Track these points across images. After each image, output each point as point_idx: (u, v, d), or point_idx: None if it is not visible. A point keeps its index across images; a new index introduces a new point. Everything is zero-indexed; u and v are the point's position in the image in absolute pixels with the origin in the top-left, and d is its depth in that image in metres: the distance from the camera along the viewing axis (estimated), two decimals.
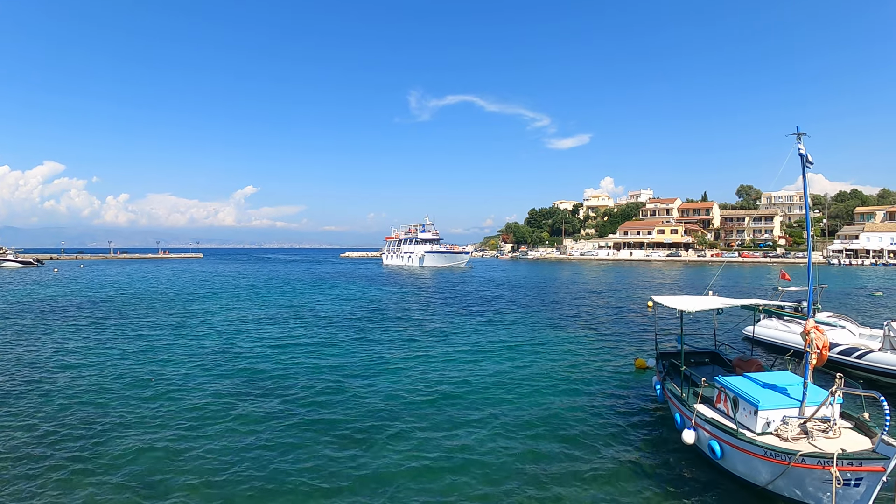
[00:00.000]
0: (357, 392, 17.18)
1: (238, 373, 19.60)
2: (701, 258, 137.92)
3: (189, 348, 24.00)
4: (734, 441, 10.33)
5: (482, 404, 15.99)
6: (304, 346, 24.69)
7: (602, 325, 31.59)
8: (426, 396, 16.75)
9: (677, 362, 14.53)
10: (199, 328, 29.66)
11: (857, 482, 8.59)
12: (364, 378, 18.99)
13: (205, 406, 15.70)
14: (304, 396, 16.69)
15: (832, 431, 9.76)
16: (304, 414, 15.05)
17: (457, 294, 52.04)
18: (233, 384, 18.03)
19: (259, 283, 67.20)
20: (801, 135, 11.54)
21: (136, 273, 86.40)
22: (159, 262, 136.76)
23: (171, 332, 28.13)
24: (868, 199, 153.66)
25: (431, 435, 13.50)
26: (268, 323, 31.76)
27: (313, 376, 19.15)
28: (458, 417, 14.84)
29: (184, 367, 20.54)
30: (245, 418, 14.63)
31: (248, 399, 16.34)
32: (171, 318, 33.37)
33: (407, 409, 15.48)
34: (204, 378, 18.86)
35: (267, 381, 18.43)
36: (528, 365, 21.06)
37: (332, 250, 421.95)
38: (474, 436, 13.43)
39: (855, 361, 18.60)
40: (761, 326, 24.49)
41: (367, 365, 20.97)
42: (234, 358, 21.98)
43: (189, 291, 53.49)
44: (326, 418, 14.71)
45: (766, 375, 11.79)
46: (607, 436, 13.50)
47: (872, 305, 40.94)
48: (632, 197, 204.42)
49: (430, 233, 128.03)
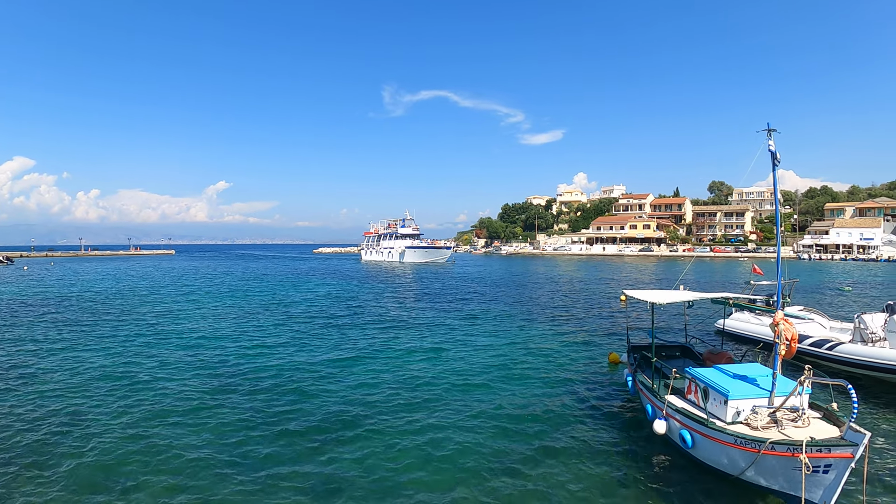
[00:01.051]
0: (331, 390, 17.00)
1: (209, 373, 19.24)
2: (673, 253, 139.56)
3: (161, 348, 23.53)
4: (705, 430, 10.39)
5: (456, 400, 15.92)
6: (278, 345, 24.34)
7: (576, 319, 31.72)
8: (399, 394, 16.64)
9: (648, 355, 14.60)
10: (170, 327, 29.13)
11: (827, 469, 8.67)
12: (337, 377, 18.82)
13: (173, 406, 15.40)
14: (278, 394, 16.48)
15: (801, 421, 9.86)
16: (276, 412, 14.84)
17: (433, 290, 51.90)
18: (203, 383, 17.70)
19: (234, 280, 66.07)
20: (771, 131, 11.63)
21: (106, 271, 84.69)
22: (130, 259, 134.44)
23: (142, 332, 27.57)
24: (838, 195, 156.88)
25: (402, 430, 13.39)
26: (242, 322, 31.29)
27: (289, 374, 18.92)
28: (430, 412, 14.74)
29: (154, 366, 20.13)
30: (213, 417, 14.38)
31: (217, 398, 16.07)
32: (143, 318, 32.76)
33: (380, 407, 15.34)
34: (174, 378, 18.50)
35: (238, 380, 18.15)
36: (502, 359, 21.04)
37: (304, 246, 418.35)
38: (446, 431, 13.34)
39: (826, 353, 18.93)
40: (733, 319, 24.81)
41: (341, 362, 20.77)
42: (205, 359, 21.62)
43: (161, 290, 52.61)
44: (298, 417, 14.52)
45: (735, 367, 11.90)
46: (579, 428, 13.52)
47: (843, 300, 41.68)
48: (605, 192, 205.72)
49: (410, 228, 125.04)
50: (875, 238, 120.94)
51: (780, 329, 10.62)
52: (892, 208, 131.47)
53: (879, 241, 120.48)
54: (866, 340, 18.32)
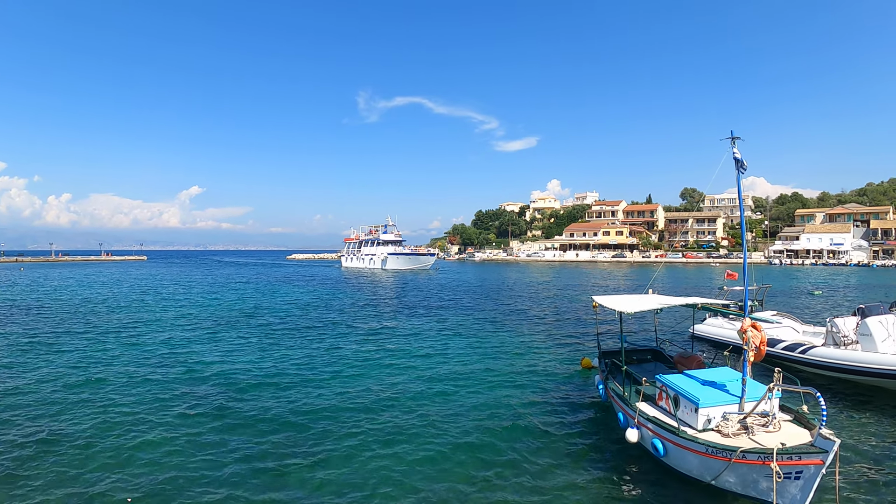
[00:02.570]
0: (308, 399, 16.62)
1: (180, 383, 18.63)
2: (646, 259, 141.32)
3: (131, 358, 22.80)
4: (676, 439, 10.31)
5: (426, 406, 15.65)
6: (255, 355, 23.85)
7: (548, 325, 31.70)
8: (369, 401, 16.34)
9: (619, 361, 14.52)
10: (142, 337, 28.35)
11: (798, 475, 8.70)
12: (315, 385, 18.45)
13: (143, 417, 14.88)
14: (252, 405, 16.02)
15: (772, 425, 9.88)
16: (245, 421, 14.42)
17: (409, 297, 51.64)
18: (174, 395, 17.11)
19: (210, 288, 64.65)
20: (735, 139, 11.74)
21: (77, 277, 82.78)
22: (102, 265, 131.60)
23: (112, 341, 26.71)
24: (808, 201, 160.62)
25: (370, 439, 13.09)
26: (218, 333, 30.68)
27: (269, 385, 18.48)
28: (399, 421, 14.44)
29: (124, 377, 19.48)
30: (180, 429, 13.91)
31: (185, 409, 15.58)
32: (113, 326, 31.95)
33: (350, 416, 15.02)
34: (143, 388, 17.87)
35: (209, 390, 17.67)
36: (474, 366, 20.85)
37: (278, 252, 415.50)
38: (416, 439, 13.09)
39: (799, 356, 19.10)
40: (705, 324, 25.02)
41: (318, 372, 20.39)
42: (180, 370, 21.05)
43: (131, 298, 51.52)
44: (272, 427, 14.14)
45: (705, 372, 11.86)
46: (550, 435, 13.37)
47: (814, 304, 42.35)
48: (578, 199, 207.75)
49: (392, 234, 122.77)
50: (845, 243, 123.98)
51: (749, 336, 10.64)
52: (861, 214, 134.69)
53: (849, 246, 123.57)
54: (839, 344, 18.52)
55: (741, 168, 11.77)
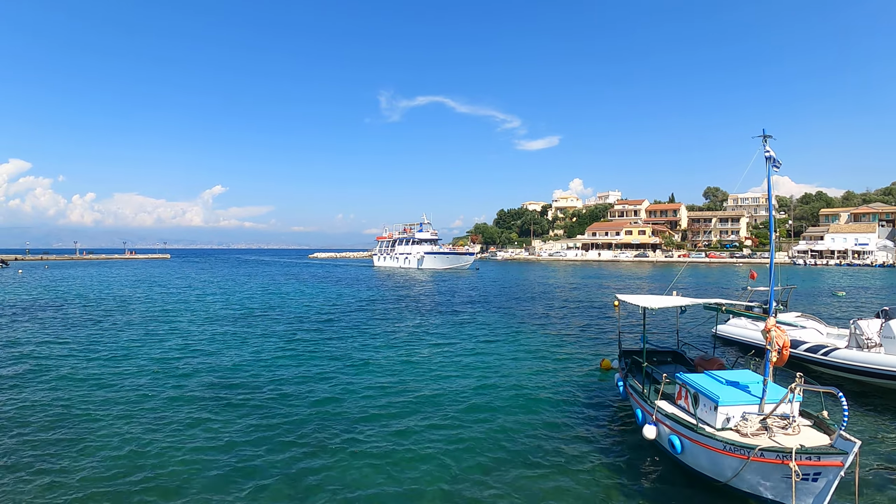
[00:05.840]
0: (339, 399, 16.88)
1: (209, 385, 18.95)
2: (668, 259, 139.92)
3: (157, 356, 23.34)
4: (694, 436, 10.29)
5: (449, 404, 15.78)
6: (292, 355, 24.15)
7: (570, 325, 31.62)
8: (395, 399, 16.53)
9: (640, 360, 14.51)
10: (171, 337, 28.90)
11: (816, 476, 8.60)
12: (351, 388, 18.70)
13: (167, 416, 15.27)
14: (287, 406, 16.31)
15: (791, 428, 9.76)
16: (277, 423, 14.70)
17: (441, 297, 51.75)
18: (203, 395, 17.34)
19: (248, 289, 64.18)
20: (766, 137, 11.58)
21: (102, 275, 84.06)
22: (126, 264, 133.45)
23: (142, 338, 27.28)
24: (833, 200, 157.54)
25: (387, 437, 13.26)
26: (256, 334, 31.13)
27: (301, 386, 18.78)
28: (423, 417, 14.59)
29: (148, 374, 19.93)
30: (209, 427, 14.23)
31: (215, 409, 15.90)
32: (143, 325, 32.55)
33: (376, 413, 15.23)
34: (172, 387, 18.30)
35: (243, 392, 17.98)
36: (496, 365, 20.91)
37: (300, 251, 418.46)
38: (438, 433, 13.25)
39: (821, 358, 18.83)
40: (729, 324, 24.78)
41: (345, 373, 20.65)
42: (211, 375, 21.42)
43: (161, 296, 52.30)
44: (300, 428, 14.39)
45: (726, 373, 11.80)
46: (569, 432, 13.43)
47: (839, 305, 41.66)
48: (600, 198, 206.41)
49: (428, 232, 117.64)
50: (870, 243, 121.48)
51: (772, 336, 10.55)
52: (886, 214, 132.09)
53: (874, 246, 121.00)
54: (862, 346, 18.24)
55: (775, 165, 11.59)
